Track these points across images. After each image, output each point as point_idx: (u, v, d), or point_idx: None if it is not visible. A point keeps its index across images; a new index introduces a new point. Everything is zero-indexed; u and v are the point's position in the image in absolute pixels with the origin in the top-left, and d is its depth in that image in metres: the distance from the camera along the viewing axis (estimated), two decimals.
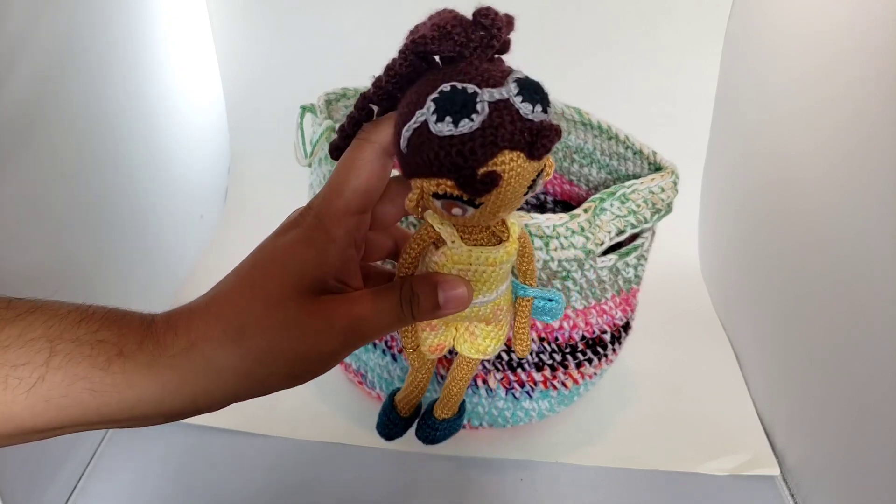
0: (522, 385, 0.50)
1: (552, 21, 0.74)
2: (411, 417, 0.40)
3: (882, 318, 0.41)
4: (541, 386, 0.50)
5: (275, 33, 0.78)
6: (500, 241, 0.30)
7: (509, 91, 0.24)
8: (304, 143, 0.49)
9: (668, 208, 0.47)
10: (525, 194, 0.26)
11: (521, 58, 0.29)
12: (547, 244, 0.43)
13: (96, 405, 0.24)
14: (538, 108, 0.24)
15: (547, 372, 0.50)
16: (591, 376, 0.52)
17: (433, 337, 0.34)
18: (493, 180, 0.24)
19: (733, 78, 0.70)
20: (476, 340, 0.34)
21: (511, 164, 0.24)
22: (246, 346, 0.26)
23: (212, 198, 0.81)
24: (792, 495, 0.52)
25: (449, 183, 0.25)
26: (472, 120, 0.23)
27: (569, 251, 0.44)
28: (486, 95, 0.24)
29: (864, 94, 0.45)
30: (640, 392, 0.60)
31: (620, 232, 0.45)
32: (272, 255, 0.28)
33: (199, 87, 0.77)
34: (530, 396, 0.51)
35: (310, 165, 0.50)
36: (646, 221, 0.46)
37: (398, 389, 0.39)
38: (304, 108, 0.50)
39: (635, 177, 0.50)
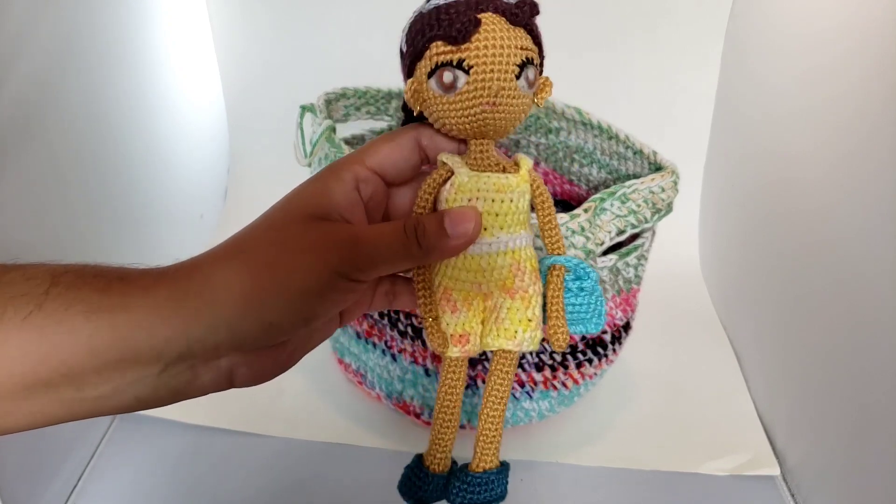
0: (522, 385, 0.50)
1: (552, 21, 0.73)
2: (444, 476, 0.34)
3: (882, 318, 0.41)
4: (541, 386, 0.50)
5: (275, 33, 0.78)
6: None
7: None
8: (303, 143, 0.49)
9: (669, 208, 0.47)
10: (517, 76, 0.28)
11: None
12: None
13: (87, 334, 0.24)
14: None
15: (547, 372, 0.50)
16: (591, 376, 0.52)
17: (454, 321, 0.32)
18: (474, 22, 0.27)
19: (733, 78, 0.70)
20: (503, 325, 0.31)
21: (492, 22, 0.28)
22: (241, 260, 0.26)
23: (212, 198, 0.81)
24: (792, 495, 0.52)
25: (438, 49, 0.28)
26: None
27: (569, 251, 0.44)
28: None
29: (864, 94, 0.45)
30: (640, 392, 0.60)
31: (621, 232, 0.45)
32: (284, 198, 0.30)
33: (199, 87, 0.77)
34: (530, 397, 0.51)
35: (310, 165, 0.50)
36: (646, 221, 0.46)
37: (422, 454, 0.35)
38: (303, 108, 0.50)
39: (635, 177, 0.50)
